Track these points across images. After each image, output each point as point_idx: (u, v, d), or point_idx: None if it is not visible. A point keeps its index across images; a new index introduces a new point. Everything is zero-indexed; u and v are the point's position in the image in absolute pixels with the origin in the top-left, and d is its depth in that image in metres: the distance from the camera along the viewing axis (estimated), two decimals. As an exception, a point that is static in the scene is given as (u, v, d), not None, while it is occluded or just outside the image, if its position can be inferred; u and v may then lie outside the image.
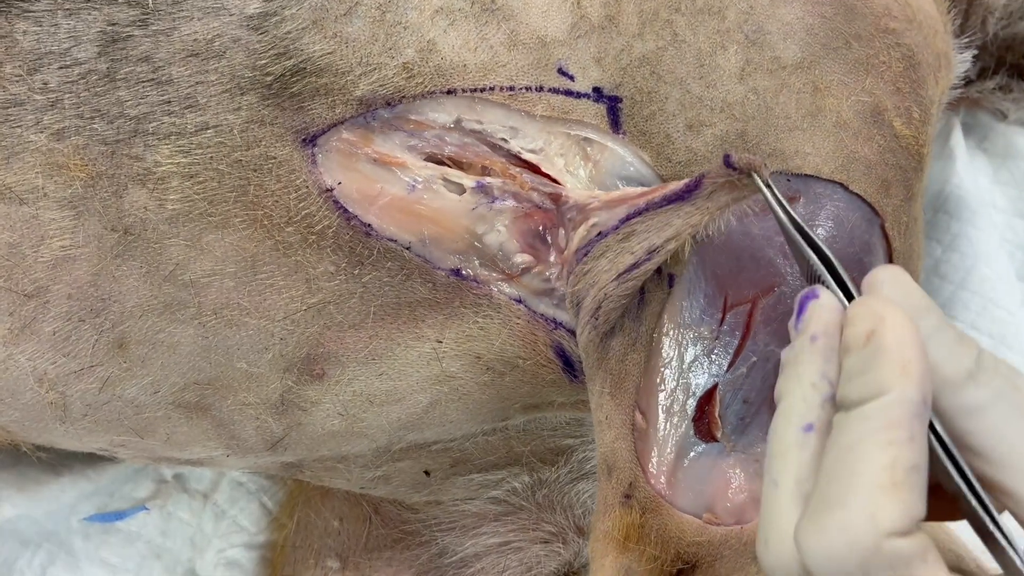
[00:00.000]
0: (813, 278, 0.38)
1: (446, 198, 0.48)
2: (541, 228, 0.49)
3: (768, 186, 0.41)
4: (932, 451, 0.33)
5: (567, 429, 0.61)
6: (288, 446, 0.54)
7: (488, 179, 0.48)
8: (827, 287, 0.37)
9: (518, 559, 0.66)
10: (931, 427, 0.33)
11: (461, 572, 0.67)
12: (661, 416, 0.48)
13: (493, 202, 0.48)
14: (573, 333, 0.50)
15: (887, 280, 0.35)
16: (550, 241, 0.49)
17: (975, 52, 0.63)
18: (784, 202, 0.40)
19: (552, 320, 0.50)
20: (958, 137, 0.74)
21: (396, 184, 0.48)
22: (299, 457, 0.57)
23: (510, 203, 0.48)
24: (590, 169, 0.48)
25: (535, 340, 0.50)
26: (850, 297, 0.36)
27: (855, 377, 0.32)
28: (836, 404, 0.33)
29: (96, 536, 0.73)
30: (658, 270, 0.47)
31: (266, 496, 0.77)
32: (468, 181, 0.48)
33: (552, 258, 0.49)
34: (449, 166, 0.49)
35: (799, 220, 0.39)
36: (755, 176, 0.42)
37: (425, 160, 0.48)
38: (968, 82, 0.61)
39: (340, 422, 0.52)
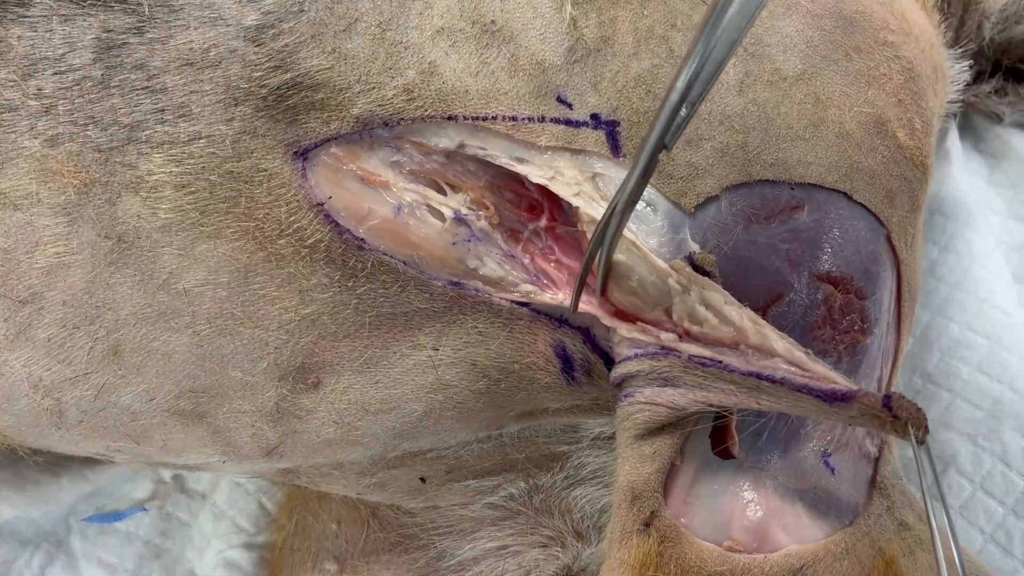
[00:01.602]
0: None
1: (430, 225, 0.48)
2: (532, 270, 0.49)
3: (922, 443, 0.40)
4: None
5: (562, 436, 0.61)
6: (284, 453, 0.53)
7: (465, 211, 0.48)
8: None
9: (516, 563, 0.66)
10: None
11: (459, 575, 0.67)
12: (689, 447, 0.48)
13: (469, 240, 0.48)
14: (578, 329, 0.49)
15: None
16: (544, 276, 0.49)
17: (970, 60, 0.63)
18: (935, 469, 0.40)
19: (557, 319, 0.49)
20: (954, 139, 0.74)
21: (383, 205, 0.47)
22: (295, 464, 0.57)
23: (486, 246, 0.48)
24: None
25: (535, 341, 0.50)
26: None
27: None
28: None
29: (94, 536, 0.73)
30: None
31: (265, 497, 0.77)
32: (447, 210, 0.48)
33: (555, 290, 0.49)
34: (436, 186, 0.48)
35: (942, 494, 0.40)
36: (910, 433, 0.40)
37: (409, 177, 0.48)
38: (965, 85, 0.61)
39: (335, 430, 0.52)
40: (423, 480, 0.62)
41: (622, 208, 0.42)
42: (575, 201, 0.47)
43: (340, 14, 0.46)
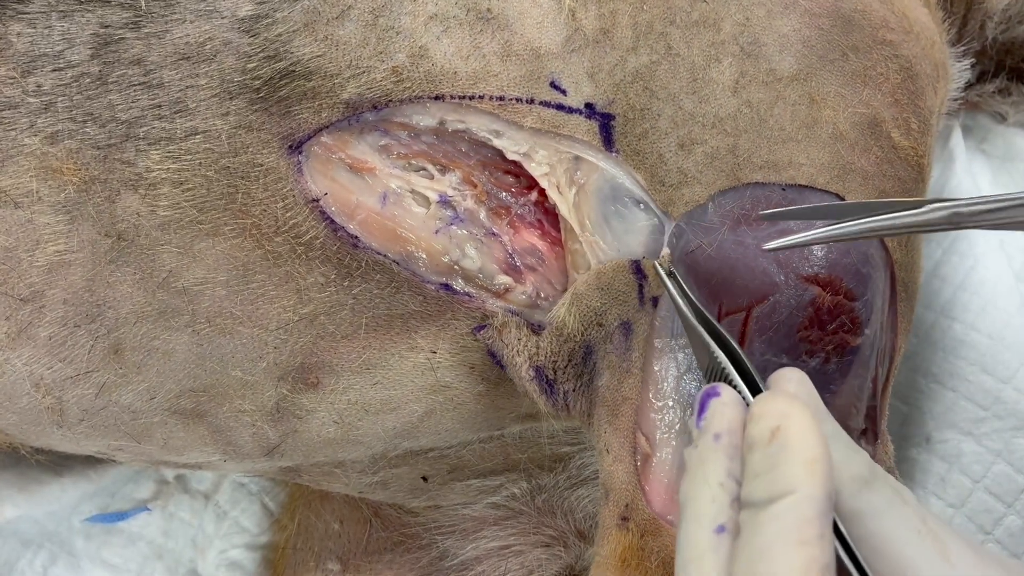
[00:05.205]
0: (713, 373, 0.39)
1: (414, 215, 0.48)
2: (510, 251, 0.49)
3: (671, 274, 0.44)
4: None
5: (564, 437, 0.61)
6: (284, 452, 0.54)
7: (451, 192, 0.48)
8: (728, 381, 0.38)
9: (519, 563, 0.66)
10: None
11: (462, 575, 0.67)
12: (661, 435, 0.47)
13: (452, 224, 0.48)
14: None
15: (794, 379, 0.36)
16: (520, 264, 0.49)
17: (973, 58, 0.62)
18: (684, 289, 0.43)
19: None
20: (958, 139, 0.73)
21: (370, 195, 0.48)
22: (296, 463, 0.57)
23: (468, 228, 0.48)
24: (575, 192, 0.48)
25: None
26: (753, 389, 0.37)
27: (761, 475, 0.33)
28: (742, 502, 0.33)
29: (98, 536, 0.73)
30: (640, 296, 0.47)
31: (268, 497, 0.77)
32: (432, 194, 0.48)
33: (531, 278, 0.49)
34: (420, 170, 0.49)
35: (702, 308, 0.41)
36: (658, 265, 0.44)
37: (397, 161, 0.48)
38: (968, 85, 0.61)
39: (336, 430, 0.52)
40: (425, 479, 0.62)
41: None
42: (542, 182, 0.48)
43: (334, 1, 0.46)
